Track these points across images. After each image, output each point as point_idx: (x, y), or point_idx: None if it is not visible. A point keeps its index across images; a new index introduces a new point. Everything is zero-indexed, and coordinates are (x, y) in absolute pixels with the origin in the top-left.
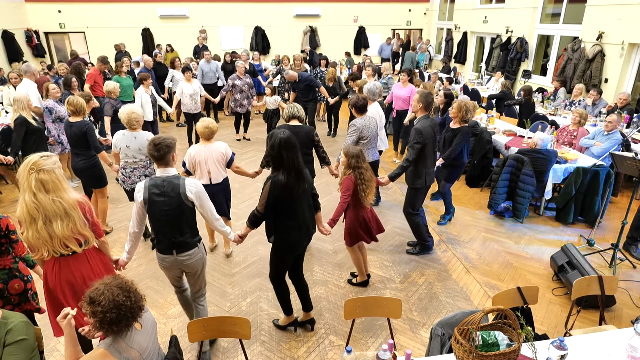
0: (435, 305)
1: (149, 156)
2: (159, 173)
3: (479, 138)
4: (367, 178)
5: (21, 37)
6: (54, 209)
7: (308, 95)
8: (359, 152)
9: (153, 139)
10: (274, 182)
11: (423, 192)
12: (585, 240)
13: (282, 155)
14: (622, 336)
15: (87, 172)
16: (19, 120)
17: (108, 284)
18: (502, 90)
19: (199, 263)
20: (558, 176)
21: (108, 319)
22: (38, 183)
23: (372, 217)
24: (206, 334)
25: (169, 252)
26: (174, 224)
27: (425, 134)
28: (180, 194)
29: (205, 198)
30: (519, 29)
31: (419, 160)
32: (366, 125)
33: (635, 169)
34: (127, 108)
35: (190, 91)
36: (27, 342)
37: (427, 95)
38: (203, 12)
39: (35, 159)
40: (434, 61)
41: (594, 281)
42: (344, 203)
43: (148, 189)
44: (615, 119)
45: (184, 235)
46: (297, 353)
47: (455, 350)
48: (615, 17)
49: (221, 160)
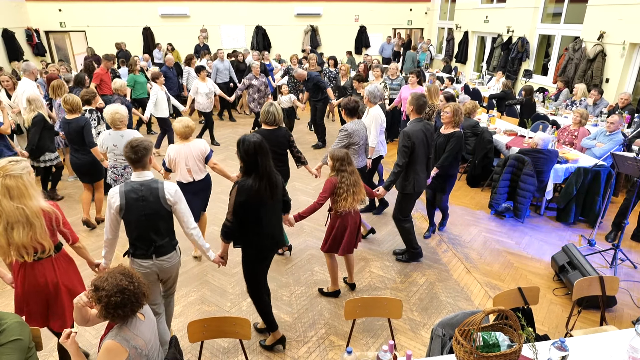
0: (436, 306)
1: (127, 160)
2: (135, 177)
3: (479, 138)
4: (350, 183)
5: (21, 36)
6: (17, 215)
7: (317, 95)
8: (345, 154)
9: (130, 141)
10: (239, 188)
11: (412, 199)
12: (586, 241)
13: (257, 161)
14: (623, 337)
15: (87, 167)
16: (38, 118)
17: (111, 271)
18: (503, 90)
19: (175, 267)
20: (559, 176)
21: (113, 303)
22: (3, 189)
23: (352, 228)
24: (206, 334)
25: (148, 257)
26: (154, 228)
27: (413, 137)
28: (159, 198)
29: (183, 202)
30: (520, 28)
31: (408, 165)
32: (357, 130)
33: (636, 169)
34: (110, 108)
35: (206, 90)
36: (22, 342)
37: (418, 97)
38: (204, 11)
39: (3, 163)
40: (435, 61)
41: (595, 281)
42: (318, 204)
43: (125, 194)
44: (617, 119)
45: (163, 239)
46: (298, 353)
47: (456, 351)
48: (617, 17)
49: (201, 158)
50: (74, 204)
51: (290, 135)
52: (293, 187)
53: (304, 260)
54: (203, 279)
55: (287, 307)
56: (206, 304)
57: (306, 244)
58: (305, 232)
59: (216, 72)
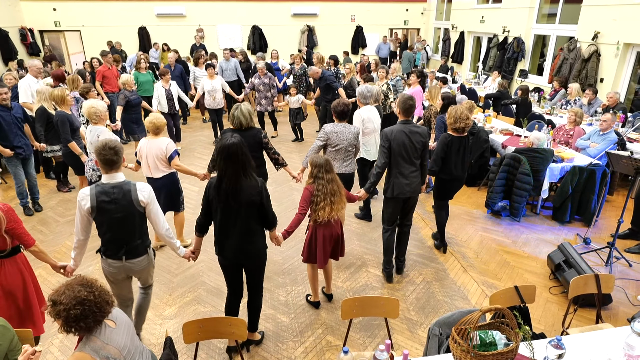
0: (433, 305)
1: (102, 162)
2: (106, 179)
3: (476, 137)
4: (326, 191)
5: (15, 36)
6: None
7: (327, 95)
8: (324, 162)
9: (107, 143)
10: (208, 183)
11: (392, 205)
12: (581, 239)
13: (217, 160)
14: (619, 334)
15: (67, 160)
16: (39, 111)
17: (69, 283)
18: (499, 89)
19: (146, 268)
20: (555, 175)
21: (73, 316)
22: None
23: (330, 237)
24: (202, 335)
25: (117, 257)
26: (126, 230)
27: (390, 138)
28: (132, 201)
29: (156, 204)
30: (516, 28)
31: (388, 168)
32: (336, 132)
33: (631, 167)
34: (87, 103)
35: (209, 87)
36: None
37: (405, 100)
38: (200, 11)
39: None
40: (431, 61)
41: (591, 280)
42: (300, 214)
43: (96, 197)
44: (609, 117)
45: (135, 241)
46: (294, 354)
47: (453, 350)
48: (611, 17)
49: (160, 156)
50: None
51: (263, 135)
52: (290, 187)
53: (301, 261)
54: (199, 279)
55: (284, 307)
56: (202, 304)
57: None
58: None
59: (221, 72)
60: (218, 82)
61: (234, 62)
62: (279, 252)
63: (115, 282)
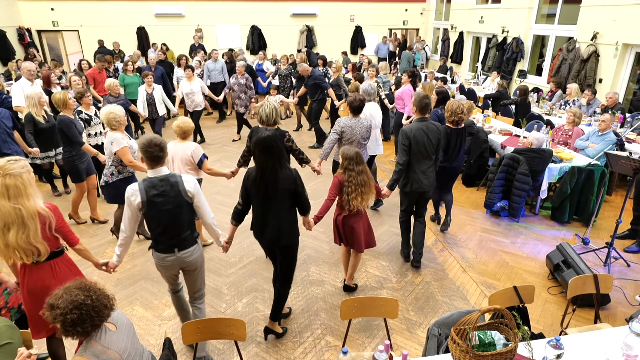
0: (432, 305)
1: (148, 158)
2: (152, 174)
3: (475, 137)
4: (357, 182)
5: (13, 36)
6: (14, 216)
7: (314, 95)
8: (354, 154)
9: (152, 139)
10: (246, 174)
11: (410, 197)
12: (580, 239)
13: (254, 153)
14: (617, 334)
15: (66, 166)
16: (27, 118)
17: (67, 287)
18: (498, 90)
19: (199, 259)
20: (553, 175)
21: (69, 321)
22: (3, 188)
23: (355, 226)
24: (201, 335)
25: (170, 251)
26: (176, 223)
27: (411, 136)
28: (180, 192)
29: (202, 194)
30: (515, 29)
31: (407, 164)
32: (350, 126)
33: (629, 168)
34: (105, 108)
35: (187, 90)
36: (12, 346)
37: (421, 98)
38: (199, 11)
39: (2, 162)
40: (430, 61)
41: (589, 280)
42: (329, 200)
43: (145, 191)
44: (608, 118)
45: (185, 233)
46: (293, 354)
47: (452, 350)
48: (610, 17)
49: (186, 160)
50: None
51: (286, 135)
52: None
53: (300, 261)
54: None
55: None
56: None
57: (303, 244)
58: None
59: (208, 72)
60: (197, 84)
61: (221, 62)
62: None
63: (169, 276)
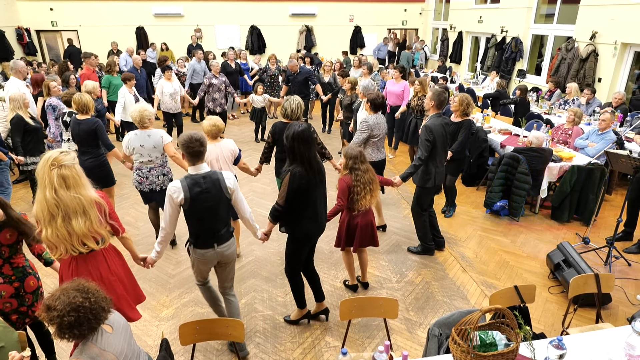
0: (432, 305)
1: (190, 154)
2: (193, 170)
3: (474, 137)
4: (365, 180)
5: (12, 35)
6: (74, 205)
7: (303, 91)
8: (358, 153)
9: (192, 135)
10: (293, 174)
11: (432, 192)
12: (580, 238)
13: (293, 147)
14: (619, 334)
15: (94, 171)
16: (15, 120)
17: (65, 288)
18: (497, 89)
19: (234, 252)
20: (553, 174)
21: (66, 323)
22: (60, 179)
23: (363, 225)
24: (198, 336)
25: (210, 246)
26: (217, 218)
27: (435, 132)
28: (222, 188)
29: (239, 190)
30: (514, 29)
31: (429, 159)
32: (377, 123)
33: (629, 166)
34: (139, 106)
35: (171, 90)
36: (4, 349)
37: (439, 93)
38: (198, 11)
39: (55, 154)
40: (429, 61)
41: (591, 279)
42: (339, 206)
43: (189, 188)
44: (608, 117)
45: (225, 227)
46: (293, 355)
47: (453, 350)
48: (608, 17)
49: (231, 158)
50: None
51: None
52: None
53: None
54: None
55: (282, 308)
56: (200, 305)
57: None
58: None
59: (192, 73)
60: (177, 84)
61: (204, 64)
62: (277, 254)
63: (204, 271)
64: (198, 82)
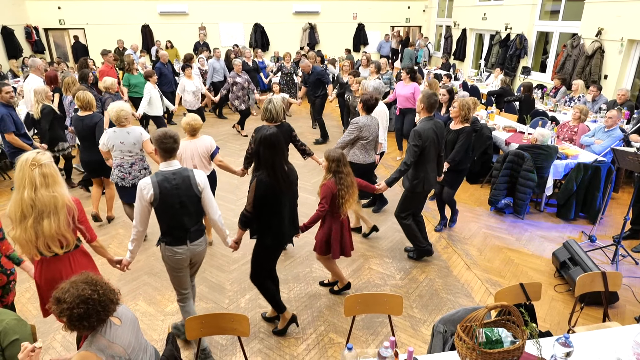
0: (436, 302)
1: (163, 150)
2: (164, 167)
3: (479, 134)
4: (347, 184)
5: (21, 33)
6: (50, 204)
7: (317, 91)
8: (341, 155)
9: (167, 132)
10: (258, 181)
11: (420, 198)
12: (586, 237)
13: (259, 152)
14: (627, 333)
15: (97, 164)
16: (47, 110)
17: (74, 281)
18: (501, 86)
19: (205, 250)
20: (559, 172)
21: (76, 315)
22: (42, 177)
23: (347, 228)
24: (204, 331)
25: (182, 243)
26: (189, 214)
27: (424, 137)
28: (192, 185)
29: (209, 189)
30: (518, 25)
31: (418, 164)
32: (368, 125)
33: (637, 164)
34: (115, 105)
35: (193, 88)
36: (18, 341)
37: (429, 96)
38: (202, 9)
39: (32, 155)
40: (433, 58)
41: (598, 277)
42: (321, 211)
43: (158, 185)
44: (615, 114)
45: (195, 224)
46: (297, 351)
47: (458, 347)
48: (615, 13)
49: (206, 155)
50: (84, 199)
51: (292, 130)
52: None
53: (303, 257)
54: (201, 275)
55: (285, 304)
56: (204, 300)
57: (305, 240)
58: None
59: (213, 71)
60: (198, 82)
61: (223, 62)
62: None
63: (180, 270)
64: (218, 80)
